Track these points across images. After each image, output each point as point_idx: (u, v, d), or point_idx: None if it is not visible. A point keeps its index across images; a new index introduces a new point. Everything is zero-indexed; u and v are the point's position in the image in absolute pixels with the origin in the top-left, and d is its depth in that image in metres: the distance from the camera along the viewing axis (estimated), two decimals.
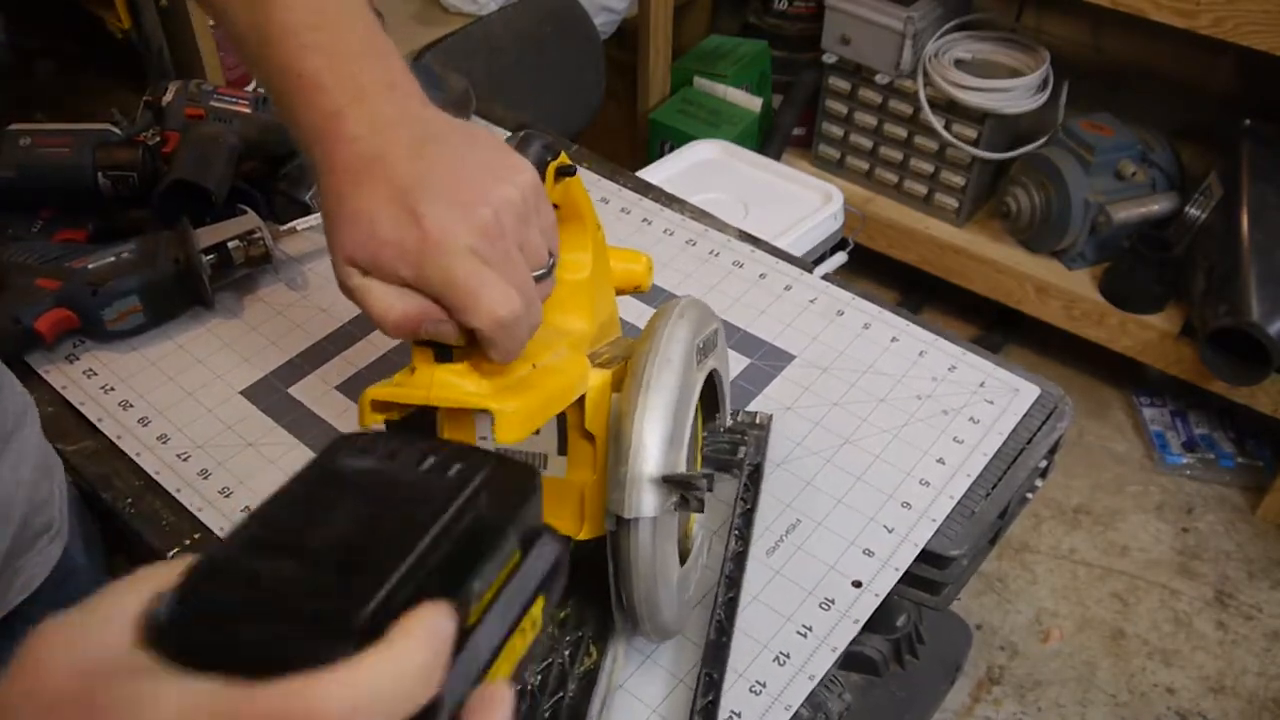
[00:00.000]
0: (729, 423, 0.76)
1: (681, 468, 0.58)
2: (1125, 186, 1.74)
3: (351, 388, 0.84)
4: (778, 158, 1.98)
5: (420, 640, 0.29)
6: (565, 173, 0.63)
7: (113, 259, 0.85)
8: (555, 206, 0.62)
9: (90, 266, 0.85)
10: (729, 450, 0.72)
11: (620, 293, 0.73)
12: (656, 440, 0.56)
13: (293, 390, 0.84)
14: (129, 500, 0.75)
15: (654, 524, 0.56)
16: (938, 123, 1.84)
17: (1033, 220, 1.80)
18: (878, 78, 1.88)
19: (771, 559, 0.72)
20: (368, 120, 0.52)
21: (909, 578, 0.72)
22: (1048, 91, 1.80)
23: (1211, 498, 1.74)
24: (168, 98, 0.98)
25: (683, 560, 0.63)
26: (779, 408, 0.82)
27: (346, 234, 0.51)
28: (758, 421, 0.78)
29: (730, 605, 0.66)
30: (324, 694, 0.28)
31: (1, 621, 0.64)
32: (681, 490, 0.57)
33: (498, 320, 0.50)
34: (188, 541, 0.73)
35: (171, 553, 0.72)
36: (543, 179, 0.58)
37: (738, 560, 0.68)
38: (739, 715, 0.63)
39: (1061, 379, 1.05)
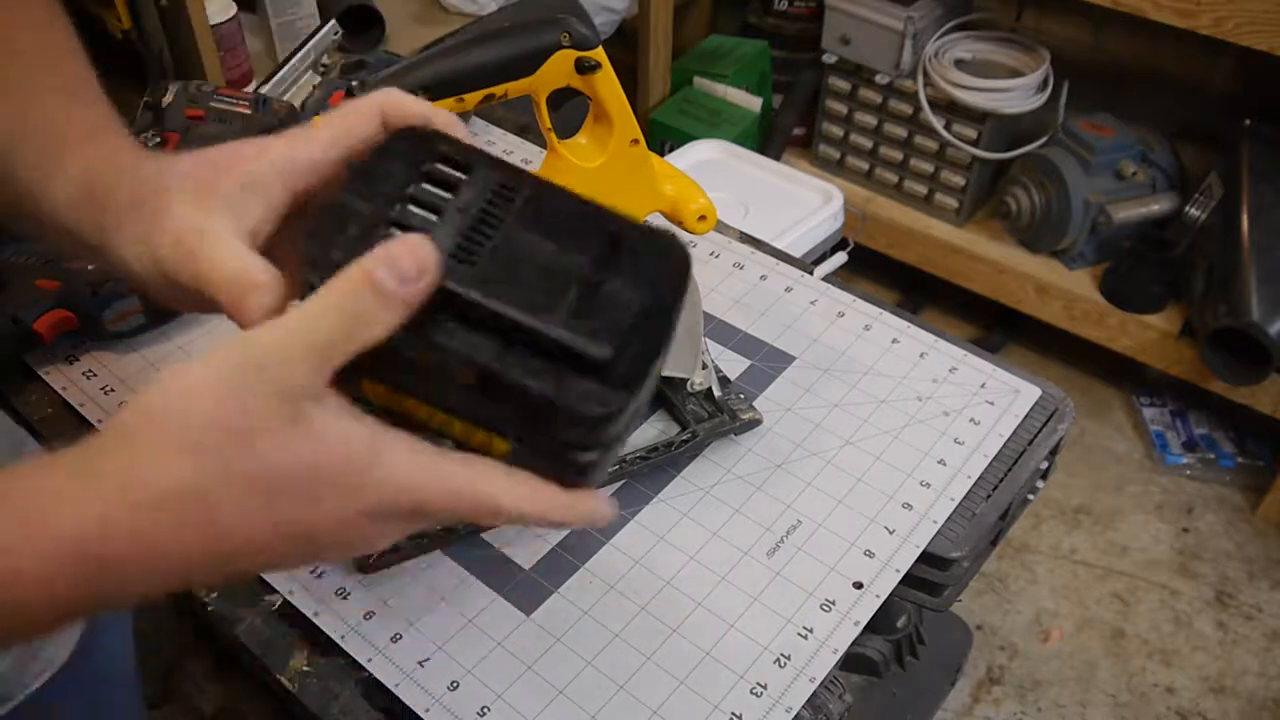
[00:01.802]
0: (700, 384, 0.78)
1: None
2: (1125, 186, 1.74)
3: None
4: (778, 158, 1.98)
5: None
6: (584, 67, 0.64)
7: None
8: (582, 95, 0.66)
9: (90, 267, 0.85)
10: (697, 415, 0.78)
11: (671, 220, 0.77)
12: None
13: None
14: None
15: None
16: (938, 123, 1.84)
17: (1033, 220, 1.80)
18: (878, 78, 1.88)
19: (772, 560, 0.72)
20: None
21: (910, 579, 0.72)
22: (1048, 91, 1.80)
23: (1211, 498, 1.74)
24: (168, 99, 0.98)
25: None
26: (779, 409, 0.82)
27: None
28: (740, 415, 0.79)
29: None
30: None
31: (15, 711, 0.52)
32: None
33: None
34: None
35: None
36: (546, 56, 0.62)
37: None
38: (740, 717, 0.63)
39: (1061, 379, 1.06)
